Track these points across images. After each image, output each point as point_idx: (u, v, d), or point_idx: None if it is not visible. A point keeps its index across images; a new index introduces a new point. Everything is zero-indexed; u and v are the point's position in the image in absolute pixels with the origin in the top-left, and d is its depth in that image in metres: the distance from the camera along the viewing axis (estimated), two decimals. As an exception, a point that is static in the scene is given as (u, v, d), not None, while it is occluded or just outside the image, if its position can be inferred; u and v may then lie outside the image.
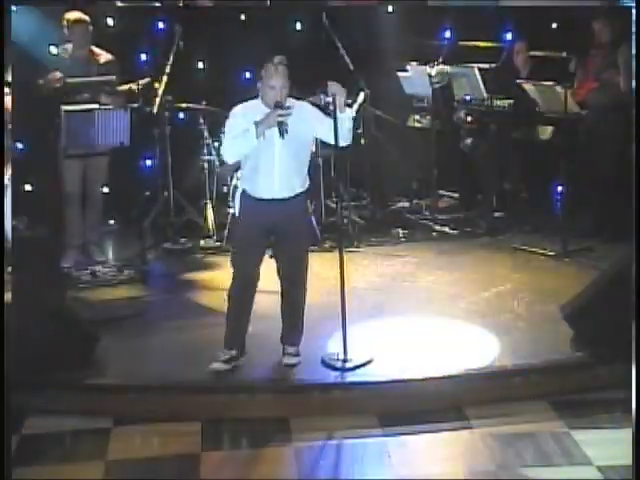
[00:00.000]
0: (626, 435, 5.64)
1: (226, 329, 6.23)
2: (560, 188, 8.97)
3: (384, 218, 9.65)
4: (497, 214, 9.55)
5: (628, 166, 8.66)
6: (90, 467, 5.60)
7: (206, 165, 9.14)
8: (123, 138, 8.06)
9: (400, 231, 9.35)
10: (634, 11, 4.99)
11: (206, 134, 9.13)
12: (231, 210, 8.74)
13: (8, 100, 6.08)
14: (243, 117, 5.92)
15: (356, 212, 9.61)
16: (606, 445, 5.65)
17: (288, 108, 5.88)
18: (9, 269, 5.97)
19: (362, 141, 9.45)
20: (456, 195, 10.31)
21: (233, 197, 8.70)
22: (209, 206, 9.13)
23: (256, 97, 6.05)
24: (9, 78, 6.21)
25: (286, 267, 6.19)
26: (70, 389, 6.28)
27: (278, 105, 5.87)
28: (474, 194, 10.04)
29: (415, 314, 7.23)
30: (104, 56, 8.48)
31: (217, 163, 9.08)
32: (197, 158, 9.24)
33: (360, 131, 9.22)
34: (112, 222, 9.71)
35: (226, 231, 8.85)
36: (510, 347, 6.57)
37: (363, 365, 6.25)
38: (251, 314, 6.23)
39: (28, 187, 9.17)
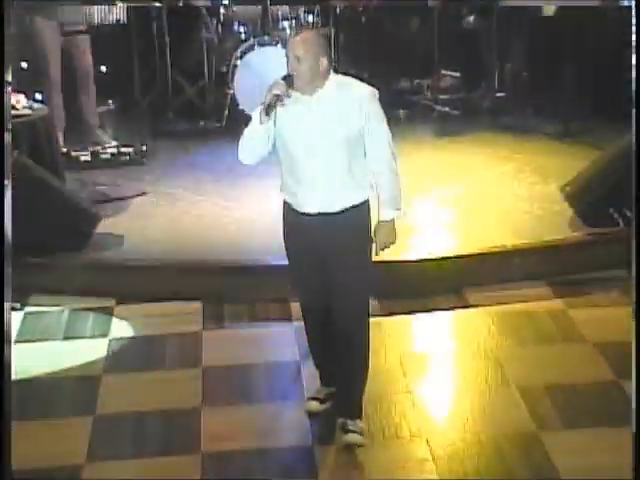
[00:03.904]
0: (623, 313, 5.74)
1: (314, 363, 4.95)
2: (563, 67, 8.86)
3: (384, 99, 9.55)
4: (499, 94, 9.47)
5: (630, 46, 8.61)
6: (93, 344, 5.70)
7: (205, 44, 9.02)
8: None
9: (401, 112, 9.29)
10: (634, 11, 4.86)
11: (204, 12, 8.99)
12: (230, 91, 8.69)
13: (8, 100, 5.94)
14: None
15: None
16: (602, 323, 5.73)
17: (292, 84, 4.36)
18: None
19: (362, 19, 9.32)
20: (458, 75, 10.21)
21: (232, 77, 8.68)
22: (208, 86, 9.05)
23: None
24: (9, 78, 6.06)
25: (338, 307, 4.58)
26: (72, 269, 6.34)
27: (284, 78, 4.38)
28: (476, 74, 9.94)
29: (415, 196, 7.24)
30: None
31: (216, 42, 8.96)
32: (196, 36, 9.11)
33: (361, 9, 9.09)
34: (110, 102, 9.64)
35: (226, 112, 8.79)
36: (510, 228, 6.60)
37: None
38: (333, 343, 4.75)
39: (24, 64, 9.05)
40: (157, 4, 8.61)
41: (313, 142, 4.36)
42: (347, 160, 4.39)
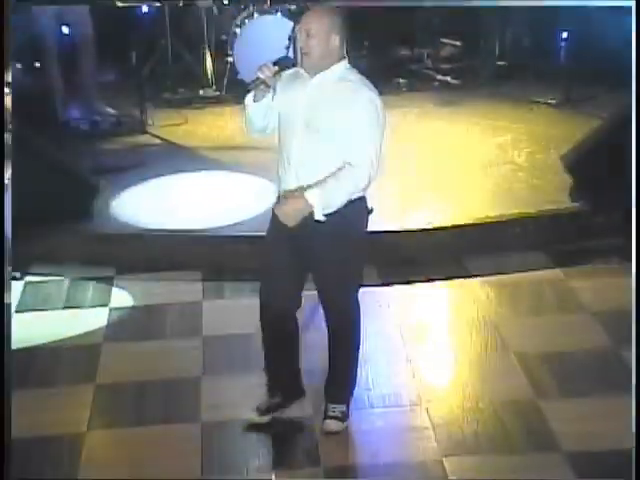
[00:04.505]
0: (621, 282, 5.76)
1: (266, 371, 4.71)
2: (564, 34, 8.83)
3: (384, 67, 9.54)
4: (499, 63, 9.44)
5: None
6: (93, 313, 5.73)
7: (204, 12, 8.98)
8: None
9: (401, 81, 9.26)
10: (634, 11, 4.83)
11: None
12: (230, 59, 8.67)
13: (8, 100, 5.88)
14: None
15: (356, 61, 9.47)
16: (600, 292, 5.75)
17: (284, 69, 4.23)
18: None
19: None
20: (458, 43, 10.16)
21: (232, 46, 8.66)
22: (208, 55, 9.02)
23: None
24: (9, 78, 6.01)
25: (328, 305, 4.50)
26: (73, 238, 6.36)
27: (280, 60, 4.26)
28: (477, 42, 9.90)
29: (415, 166, 7.24)
30: None
31: (215, 11, 8.92)
32: (195, 5, 9.07)
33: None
34: (110, 71, 9.60)
35: (225, 80, 8.77)
36: (510, 197, 6.61)
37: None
38: (297, 354, 4.68)
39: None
40: (157, 4, 8.56)
41: (294, 126, 4.18)
42: (333, 154, 4.13)
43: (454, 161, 7.31)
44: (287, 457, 4.47)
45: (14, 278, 6.03)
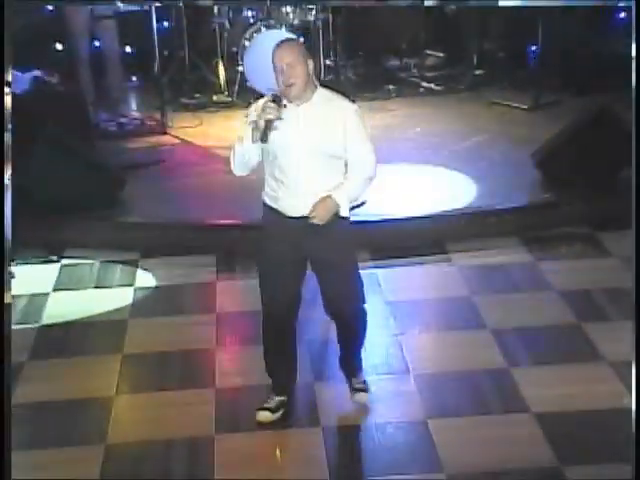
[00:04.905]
0: (585, 264, 5.78)
1: (268, 371, 4.48)
2: (534, 47, 8.82)
3: (376, 75, 9.52)
4: (477, 72, 9.42)
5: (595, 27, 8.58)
6: (120, 292, 5.73)
7: (217, 27, 8.96)
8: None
9: (391, 87, 9.24)
10: (634, 11, 4.70)
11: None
12: (240, 68, 8.66)
13: (8, 100, 5.79)
14: (255, 117, 4.04)
15: (351, 70, 9.47)
16: (567, 273, 5.75)
17: (281, 105, 3.98)
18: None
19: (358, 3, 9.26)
20: (441, 54, 10.14)
21: (242, 56, 8.63)
22: (220, 65, 9.00)
23: None
24: (9, 78, 5.91)
25: (332, 299, 4.33)
26: (102, 226, 6.36)
27: (273, 98, 3.99)
28: (457, 53, 9.87)
29: (403, 161, 7.23)
30: None
31: (227, 26, 8.90)
32: (210, 21, 9.05)
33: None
34: (134, 79, 9.57)
35: (236, 87, 8.76)
36: (487, 190, 6.60)
37: (358, 206, 6.27)
38: (296, 350, 4.52)
39: (59, 46, 9.00)
40: (157, 4, 8.52)
41: (297, 153, 4.03)
42: (328, 169, 4.08)
43: (438, 157, 7.27)
44: (288, 416, 4.45)
45: (52, 261, 6.04)
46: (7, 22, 4.17)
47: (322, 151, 4.06)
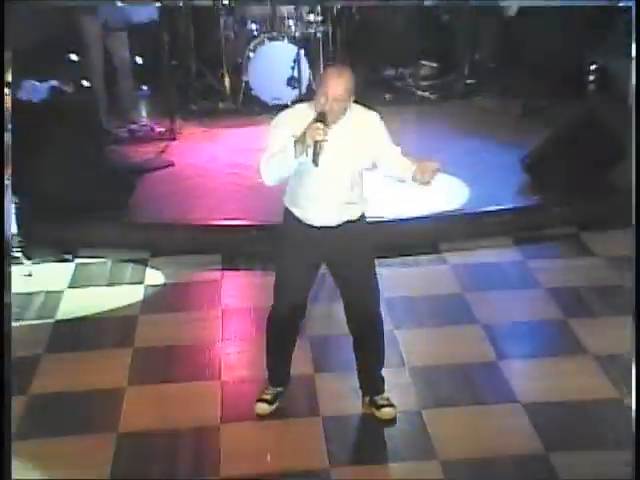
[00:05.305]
0: (572, 263, 5.79)
1: (268, 363, 4.44)
2: (522, 58, 8.83)
3: (374, 84, 9.53)
4: (469, 81, 9.43)
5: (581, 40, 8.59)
6: (131, 289, 5.75)
7: (223, 39, 8.98)
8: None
9: (387, 95, 9.25)
10: (634, 11, 4.59)
11: (222, 11, 8.92)
12: (245, 78, 8.67)
13: (8, 100, 5.77)
14: (288, 128, 3.90)
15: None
16: (555, 271, 5.76)
17: (328, 125, 3.81)
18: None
19: (357, 16, 9.30)
20: (435, 64, 10.15)
21: (246, 67, 8.65)
22: (226, 74, 9.01)
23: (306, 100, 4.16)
24: (9, 78, 5.87)
25: (351, 302, 4.27)
26: (114, 227, 6.37)
27: (320, 118, 3.81)
28: (450, 64, 9.89)
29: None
30: None
31: (233, 37, 8.92)
32: (216, 33, 9.06)
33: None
34: (145, 87, 9.59)
35: (240, 95, 8.77)
36: (478, 193, 6.61)
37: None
38: (295, 346, 4.43)
39: (74, 57, 9.00)
40: (157, 4, 8.53)
41: (330, 169, 3.93)
42: (351, 180, 4.04)
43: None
44: (288, 405, 4.47)
45: (67, 260, 6.06)
46: (7, 23, 4.17)
47: (354, 167, 4.04)
